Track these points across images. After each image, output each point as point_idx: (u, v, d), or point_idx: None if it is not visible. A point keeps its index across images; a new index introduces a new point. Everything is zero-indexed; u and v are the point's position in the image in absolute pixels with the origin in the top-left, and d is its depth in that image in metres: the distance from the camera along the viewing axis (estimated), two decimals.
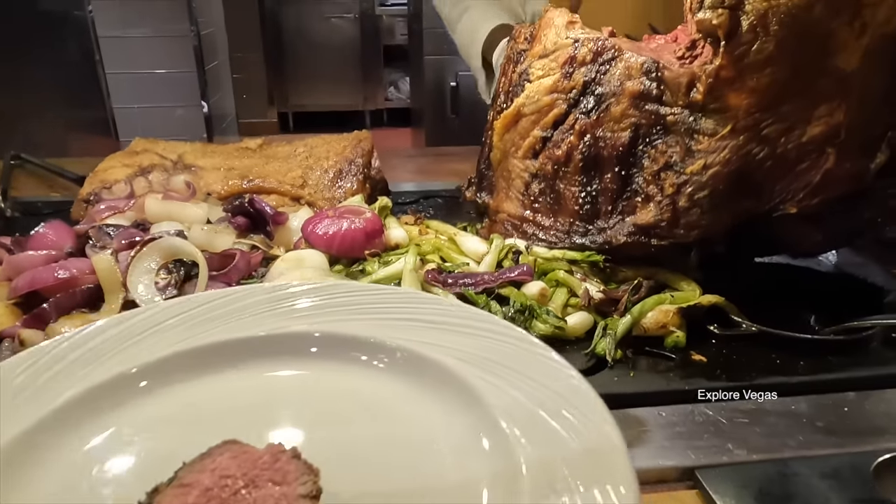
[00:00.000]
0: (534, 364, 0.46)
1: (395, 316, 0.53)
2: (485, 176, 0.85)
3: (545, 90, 0.74)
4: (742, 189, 0.64)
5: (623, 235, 0.70)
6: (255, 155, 0.91)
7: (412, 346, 0.50)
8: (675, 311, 0.64)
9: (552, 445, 0.39)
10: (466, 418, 0.44)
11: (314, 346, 0.51)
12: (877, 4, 0.58)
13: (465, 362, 0.47)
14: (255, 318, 0.52)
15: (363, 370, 0.49)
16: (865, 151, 0.61)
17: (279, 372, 0.49)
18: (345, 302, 0.55)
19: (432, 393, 0.47)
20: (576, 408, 0.41)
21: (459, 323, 0.52)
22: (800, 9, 0.58)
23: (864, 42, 0.59)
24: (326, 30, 5.07)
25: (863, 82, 0.60)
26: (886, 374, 0.60)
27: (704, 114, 0.64)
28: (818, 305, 0.70)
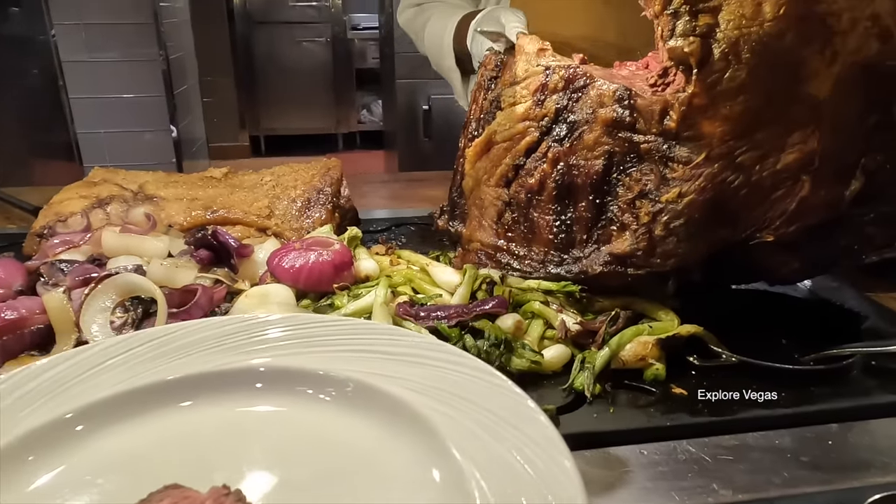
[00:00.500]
0: (491, 395, 0.45)
1: (349, 348, 0.52)
2: (457, 204, 0.83)
3: (517, 118, 0.73)
4: (718, 217, 0.63)
5: (599, 265, 0.68)
6: (221, 184, 0.88)
7: (364, 377, 0.48)
8: (653, 342, 0.62)
9: (507, 480, 0.37)
10: (419, 451, 0.43)
11: (259, 381, 0.49)
12: (847, 32, 0.58)
13: (420, 393, 0.46)
14: (201, 355, 0.50)
15: (310, 404, 0.48)
16: (840, 179, 0.61)
17: (223, 410, 0.48)
18: (297, 335, 0.53)
19: (384, 425, 0.45)
20: (533, 441, 0.40)
21: (415, 353, 0.50)
22: (771, 37, 0.57)
23: (835, 70, 0.59)
24: (298, 54, 5.07)
25: (835, 110, 0.60)
26: (869, 405, 0.59)
27: (678, 142, 0.63)
28: (796, 333, 0.69)
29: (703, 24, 0.59)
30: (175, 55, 3.52)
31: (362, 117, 5.32)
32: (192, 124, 3.87)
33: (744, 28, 0.58)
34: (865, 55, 0.59)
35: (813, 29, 0.57)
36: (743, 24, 0.58)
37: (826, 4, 0.57)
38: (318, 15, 4.99)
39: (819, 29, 0.57)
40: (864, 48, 0.59)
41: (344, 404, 0.47)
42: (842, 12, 0.57)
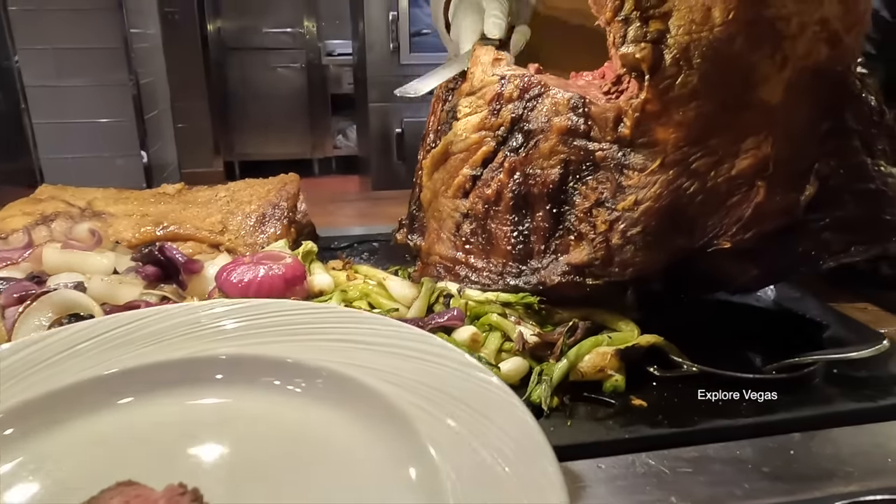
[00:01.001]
0: (471, 390, 0.43)
1: (325, 337, 0.49)
2: (416, 217, 0.82)
3: (473, 128, 0.72)
4: (675, 224, 0.62)
5: (557, 275, 0.66)
6: (173, 200, 0.86)
7: (338, 368, 0.46)
8: (612, 353, 0.61)
9: (484, 480, 0.35)
10: (393, 446, 0.40)
11: (220, 372, 0.47)
12: (796, 37, 0.57)
13: (397, 386, 0.44)
14: (167, 343, 0.48)
15: (277, 396, 0.46)
16: (795, 184, 0.60)
17: (178, 403, 0.45)
18: (271, 323, 0.51)
19: (357, 419, 0.43)
20: (513, 439, 0.38)
21: (395, 344, 0.48)
22: (721, 42, 0.57)
23: (786, 75, 0.58)
24: (273, 79, 5.07)
25: (788, 115, 0.59)
26: (831, 413, 0.57)
27: (633, 149, 0.62)
28: (758, 342, 0.68)
29: (653, 29, 0.59)
30: (146, 80, 3.50)
31: (338, 142, 5.32)
32: (163, 149, 3.83)
33: (694, 33, 0.57)
34: (815, 60, 0.59)
35: (762, 33, 0.57)
36: (693, 30, 0.57)
37: (775, 9, 0.56)
38: (292, 41, 5.01)
39: (768, 33, 0.57)
40: (814, 53, 0.59)
41: (315, 396, 0.45)
42: (790, 16, 0.56)
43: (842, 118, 0.60)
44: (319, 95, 5.14)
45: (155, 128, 3.72)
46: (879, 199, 0.59)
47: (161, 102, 3.90)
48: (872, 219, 0.59)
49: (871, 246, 0.59)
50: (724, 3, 0.56)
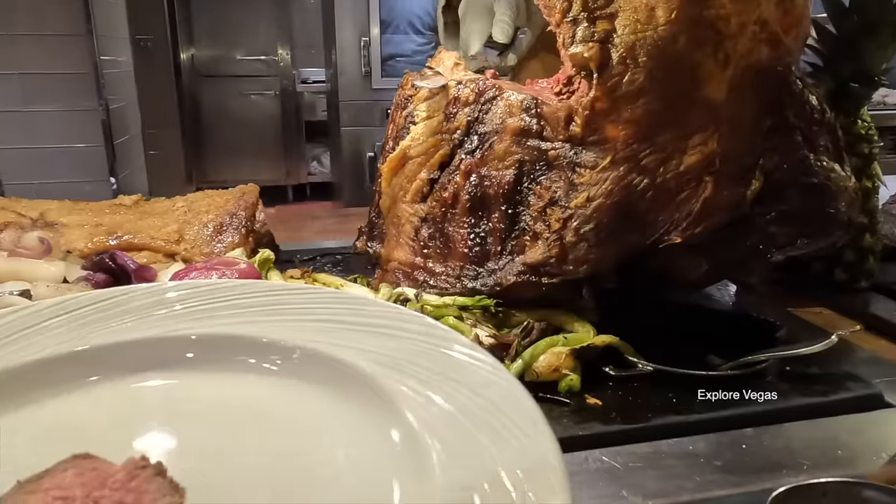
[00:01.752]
0: (454, 364, 0.42)
1: (305, 317, 0.48)
2: (375, 224, 0.81)
3: (430, 131, 0.72)
4: (626, 220, 0.63)
5: (513, 275, 0.66)
6: (129, 211, 0.84)
7: (316, 346, 0.44)
8: (567, 353, 0.60)
9: (474, 457, 0.34)
10: (376, 424, 0.39)
11: (190, 350, 0.45)
12: (736, 36, 0.59)
13: (379, 364, 0.42)
14: (133, 323, 0.47)
15: (250, 375, 0.44)
16: (741, 179, 0.61)
17: (148, 381, 0.44)
18: (245, 304, 0.49)
19: (338, 397, 0.42)
20: (504, 413, 0.37)
21: (379, 323, 0.47)
22: (665, 41, 0.58)
23: (728, 73, 0.60)
24: (246, 106, 5.07)
25: (732, 112, 0.61)
26: (783, 408, 0.57)
27: (584, 147, 0.63)
28: (714, 343, 0.68)
29: (601, 29, 0.60)
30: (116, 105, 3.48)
31: (312, 169, 5.32)
32: (133, 175, 3.79)
33: (639, 33, 0.59)
34: (757, 59, 0.61)
35: (704, 33, 0.58)
36: (638, 29, 0.59)
37: (715, 9, 0.58)
38: (266, 69, 5.03)
39: (710, 33, 0.59)
40: (755, 52, 0.60)
41: (291, 374, 0.44)
42: (730, 17, 0.58)
43: (784, 115, 0.61)
44: (293, 122, 5.15)
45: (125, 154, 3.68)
46: (822, 192, 0.61)
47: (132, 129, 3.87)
48: (816, 212, 0.60)
49: (815, 239, 0.60)
50: (667, 4, 0.57)
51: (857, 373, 0.64)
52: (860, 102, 0.84)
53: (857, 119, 0.84)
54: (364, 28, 3.13)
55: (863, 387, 0.60)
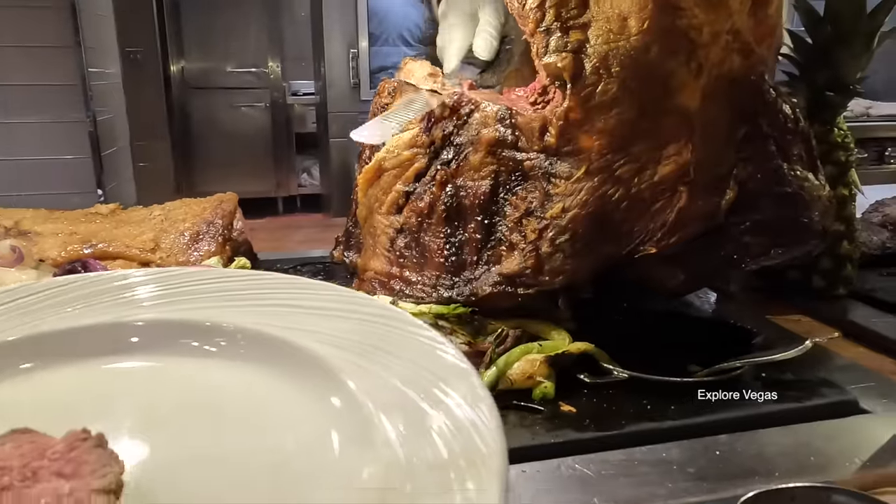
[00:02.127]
0: (407, 344, 0.42)
1: (260, 302, 0.48)
2: (352, 234, 0.81)
3: (405, 144, 0.72)
4: (602, 231, 0.63)
5: (489, 286, 0.66)
6: (105, 220, 0.84)
7: (263, 328, 0.44)
8: (542, 360, 0.60)
9: (422, 431, 0.35)
10: (325, 404, 0.39)
11: (135, 335, 0.45)
12: (709, 46, 0.59)
13: (329, 345, 0.42)
14: (82, 310, 0.47)
15: (192, 357, 0.44)
16: (715, 189, 0.61)
17: (87, 367, 0.44)
18: (202, 290, 0.49)
19: (283, 378, 0.42)
20: (453, 388, 0.37)
21: (333, 307, 0.47)
22: (637, 50, 0.59)
23: (702, 82, 0.60)
24: (237, 118, 5.07)
25: (706, 122, 0.61)
26: (756, 414, 0.57)
27: (559, 157, 0.63)
28: (691, 350, 0.68)
29: (574, 40, 0.60)
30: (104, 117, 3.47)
31: (302, 181, 5.31)
32: (121, 187, 3.77)
33: (612, 42, 0.59)
34: (730, 68, 0.61)
35: (677, 42, 0.59)
36: (611, 39, 0.59)
37: (687, 19, 0.58)
38: (257, 81, 5.03)
39: (683, 42, 0.59)
40: (728, 61, 0.61)
41: (235, 356, 0.44)
42: (702, 26, 0.58)
43: (757, 124, 0.61)
44: (283, 134, 5.15)
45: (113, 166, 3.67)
46: (796, 202, 0.61)
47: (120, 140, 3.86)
48: (790, 221, 0.61)
49: (789, 248, 0.60)
50: (639, 14, 0.58)
51: (833, 379, 0.64)
52: (836, 111, 0.85)
53: (834, 127, 0.85)
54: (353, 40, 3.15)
55: (837, 393, 0.60)
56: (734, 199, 0.61)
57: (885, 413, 0.59)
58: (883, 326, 0.78)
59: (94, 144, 3.25)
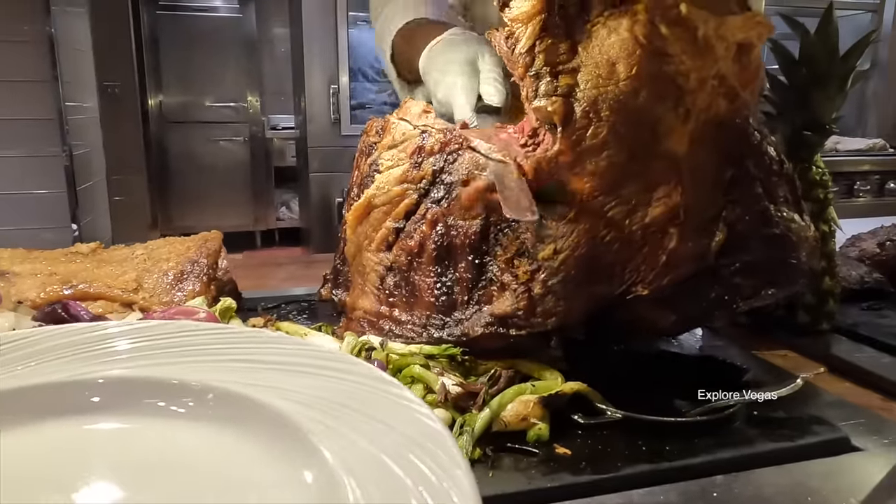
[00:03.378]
0: (377, 402, 0.41)
1: (222, 357, 0.46)
2: (340, 272, 0.80)
3: (395, 180, 0.72)
4: (593, 273, 0.63)
5: (480, 327, 0.66)
6: (86, 260, 0.82)
7: (230, 386, 0.43)
8: (536, 401, 0.60)
9: (386, 486, 0.34)
10: (293, 466, 0.38)
11: (96, 394, 0.43)
12: (696, 91, 0.61)
13: (298, 403, 0.41)
14: (37, 366, 0.44)
15: (159, 418, 0.42)
16: (705, 231, 0.62)
17: (46, 429, 0.41)
18: (162, 344, 0.47)
19: (251, 438, 0.40)
20: (426, 452, 0.36)
21: (298, 362, 0.46)
22: (626, 95, 0.60)
23: (689, 126, 0.61)
24: (215, 152, 5.06)
25: (694, 165, 0.62)
26: (751, 454, 0.57)
27: None
28: (684, 388, 0.68)
29: (563, 84, 0.61)
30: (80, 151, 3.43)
31: (281, 214, 5.29)
32: (96, 222, 3.72)
33: (601, 87, 0.60)
34: (716, 113, 0.62)
35: (665, 88, 0.60)
36: (600, 84, 0.60)
37: (674, 65, 0.60)
38: (235, 115, 5.05)
39: (670, 88, 0.60)
40: (714, 106, 0.62)
41: (202, 416, 0.42)
42: (689, 72, 0.60)
43: (744, 166, 0.63)
44: (262, 168, 5.15)
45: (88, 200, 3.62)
46: (784, 243, 0.62)
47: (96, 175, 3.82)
48: (779, 262, 0.61)
49: (779, 289, 0.61)
50: (627, 59, 0.59)
51: (823, 416, 0.64)
52: (814, 150, 0.87)
53: (812, 165, 0.87)
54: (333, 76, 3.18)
55: (829, 430, 0.61)
56: (724, 241, 0.61)
57: (876, 450, 0.59)
58: (867, 361, 0.79)
59: (69, 179, 3.22)
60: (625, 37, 0.59)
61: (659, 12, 0.59)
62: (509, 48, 0.64)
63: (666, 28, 0.59)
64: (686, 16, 0.59)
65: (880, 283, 0.99)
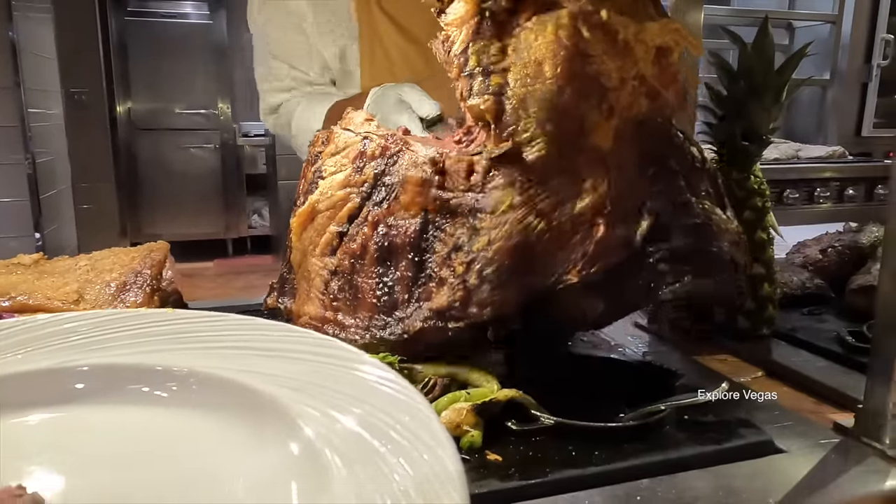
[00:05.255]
0: (361, 384, 0.42)
1: (210, 345, 0.47)
2: (286, 280, 0.80)
3: (338, 185, 0.73)
4: (526, 262, 0.64)
5: (419, 321, 0.66)
6: (28, 271, 0.81)
7: (215, 372, 0.43)
8: (469, 408, 0.60)
9: (378, 474, 0.34)
10: (282, 451, 0.38)
11: (80, 381, 0.44)
12: (618, 90, 0.62)
13: (285, 388, 0.42)
14: (24, 355, 0.45)
15: (143, 404, 0.43)
16: (631, 221, 0.63)
17: (31, 416, 0.42)
18: (150, 332, 0.48)
19: (239, 423, 0.41)
20: (406, 428, 0.37)
21: (284, 348, 0.47)
22: (552, 93, 0.61)
23: (613, 123, 0.63)
24: (186, 159, 5.01)
25: (619, 159, 0.63)
26: (678, 457, 0.58)
27: (484, 194, 0.65)
28: (620, 394, 0.69)
29: (494, 83, 0.63)
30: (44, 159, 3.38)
31: (253, 222, 5.25)
32: (60, 230, 3.66)
33: (529, 86, 0.62)
34: (638, 111, 0.64)
35: (588, 86, 0.62)
36: (528, 83, 0.62)
37: (596, 65, 0.61)
38: (206, 122, 5.00)
39: (594, 86, 0.62)
40: (636, 105, 0.64)
41: (187, 401, 0.43)
42: (610, 72, 0.62)
43: (666, 163, 0.65)
44: (234, 176, 5.11)
45: (53, 209, 3.57)
46: (705, 232, 0.64)
47: (61, 182, 3.76)
48: (701, 250, 0.63)
49: (701, 276, 0.63)
50: (552, 60, 0.61)
51: (753, 419, 0.65)
52: (752, 159, 0.89)
53: (750, 175, 0.89)
54: None
55: (755, 433, 0.62)
56: (649, 229, 0.63)
57: (799, 452, 0.60)
58: (802, 365, 0.81)
59: (32, 187, 3.17)
60: (550, 39, 0.61)
61: (582, 17, 0.61)
62: (445, 51, 0.66)
63: (588, 31, 0.61)
64: (607, 21, 0.61)
65: (821, 289, 1.01)
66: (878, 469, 0.58)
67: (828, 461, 0.59)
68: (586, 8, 0.60)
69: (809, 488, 0.55)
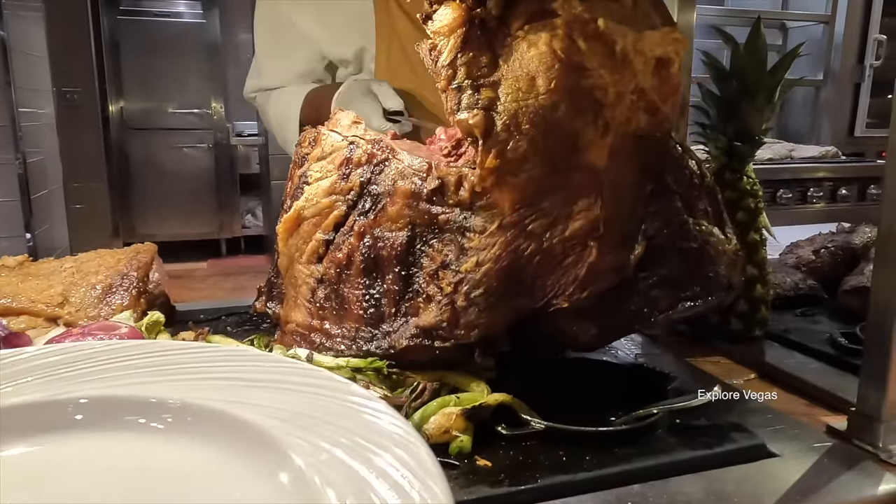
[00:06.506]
0: (351, 416, 0.42)
1: (201, 376, 0.48)
2: (274, 284, 0.80)
3: (323, 192, 0.72)
4: (515, 285, 0.63)
5: (406, 339, 0.66)
6: (12, 273, 0.80)
7: (208, 404, 0.44)
8: (458, 413, 0.59)
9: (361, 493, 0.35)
10: (273, 481, 0.39)
11: (79, 413, 0.44)
12: (614, 105, 0.61)
13: (275, 419, 0.42)
14: (23, 386, 0.45)
15: (139, 434, 0.44)
16: (624, 244, 0.62)
17: (28, 448, 0.42)
18: (142, 364, 0.49)
19: (230, 453, 0.41)
20: (403, 463, 0.37)
21: (275, 379, 0.48)
22: (546, 109, 0.60)
23: (609, 140, 0.62)
24: (179, 159, 4.98)
25: (614, 178, 0.62)
26: (668, 462, 0.58)
27: (473, 211, 0.64)
28: (612, 397, 0.69)
29: (484, 97, 0.61)
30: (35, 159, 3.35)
31: (246, 222, 5.23)
32: (52, 230, 3.63)
33: (521, 101, 0.60)
34: (636, 126, 0.63)
35: (583, 101, 0.60)
36: (520, 97, 0.60)
37: (593, 79, 0.60)
38: (199, 122, 4.98)
39: (589, 101, 0.61)
40: (634, 120, 0.63)
41: (182, 432, 0.43)
42: (607, 86, 0.60)
43: (663, 180, 0.63)
44: (227, 175, 5.09)
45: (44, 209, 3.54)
46: (702, 257, 0.62)
47: (52, 182, 3.73)
48: (696, 276, 0.62)
49: (696, 302, 0.62)
50: (546, 73, 0.59)
51: (745, 423, 0.65)
52: (744, 160, 0.88)
53: (743, 175, 0.88)
54: None
55: (747, 437, 0.62)
56: (642, 254, 0.62)
57: (791, 455, 0.60)
58: (794, 367, 0.81)
59: (22, 187, 3.14)
60: (544, 51, 0.59)
61: (577, 27, 0.60)
62: (433, 60, 0.64)
63: (584, 42, 0.59)
64: (604, 31, 0.60)
65: (814, 290, 1.01)
66: (872, 473, 0.58)
67: (821, 465, 0.59)
68: (582, 16, 0.59)
69: (802, 493, 0.55)
